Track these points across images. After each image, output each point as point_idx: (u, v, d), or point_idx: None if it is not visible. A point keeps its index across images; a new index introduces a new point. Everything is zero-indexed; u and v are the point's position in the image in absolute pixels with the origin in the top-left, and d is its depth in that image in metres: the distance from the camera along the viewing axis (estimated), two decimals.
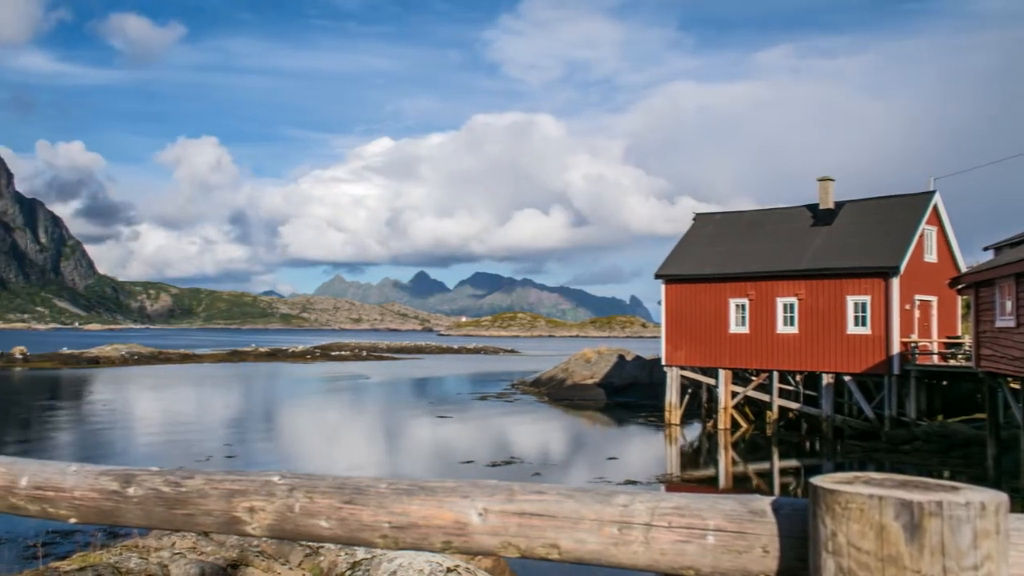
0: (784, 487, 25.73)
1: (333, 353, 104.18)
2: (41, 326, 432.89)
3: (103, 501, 2.26)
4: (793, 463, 30.09)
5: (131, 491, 2.22)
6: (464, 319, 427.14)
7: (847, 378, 33.76)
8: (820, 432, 33.96)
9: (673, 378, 38.69)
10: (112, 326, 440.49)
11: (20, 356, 78.89)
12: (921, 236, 34.25)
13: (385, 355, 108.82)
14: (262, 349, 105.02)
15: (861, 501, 1.47)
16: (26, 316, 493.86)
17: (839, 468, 27.60)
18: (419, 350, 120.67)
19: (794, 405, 35.75)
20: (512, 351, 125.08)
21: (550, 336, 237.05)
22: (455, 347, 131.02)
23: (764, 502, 1.69)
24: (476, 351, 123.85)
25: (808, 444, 33.14)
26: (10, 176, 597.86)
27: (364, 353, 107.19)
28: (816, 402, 34.99)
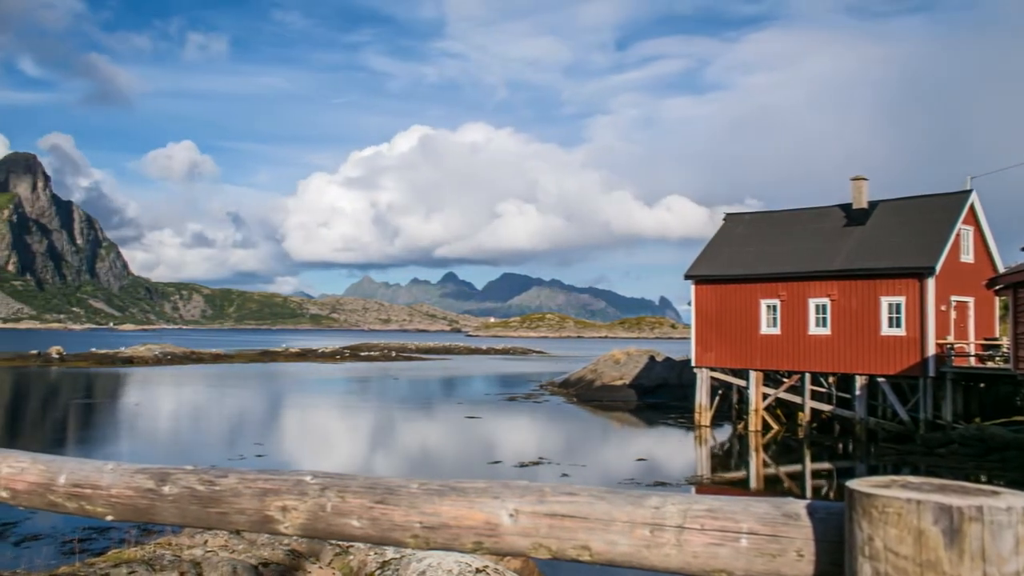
0: (816, 490, 25.44)
1: (362, 353, 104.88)
2: (77, 326, 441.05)
3: (139, 499, 2.29)
4: (825, 466, 29.74)
5: (166, 489, 2.25)
6: (492, 320, 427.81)
7: (881, 380, 33.31)
8: (853, 435, 33.54)
9: (703, 379, 38.42)
10: (146, 326, 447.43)
11: (57, 356, 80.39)
12: (957, 236, 33.69)
13: (414, 355, 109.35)
14: (292, 349, 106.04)
15: (899, 505, 1.45)
16: (62, 316, 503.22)
17: (873, 471, 27.23)
18: (448, 351, 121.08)
19: (826, 407, 35.35)
20: (540, 352, 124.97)
21: (579, 337, 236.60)
22: (483, 348, 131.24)
23: (799, 505, 1.67)
24: (505, 352, 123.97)
25: (841, 447, 32.75)
26: (47, 179, 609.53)
27: (393, 353, 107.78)
28: (849, 404, 34.56)
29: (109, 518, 2.38)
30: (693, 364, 38.96)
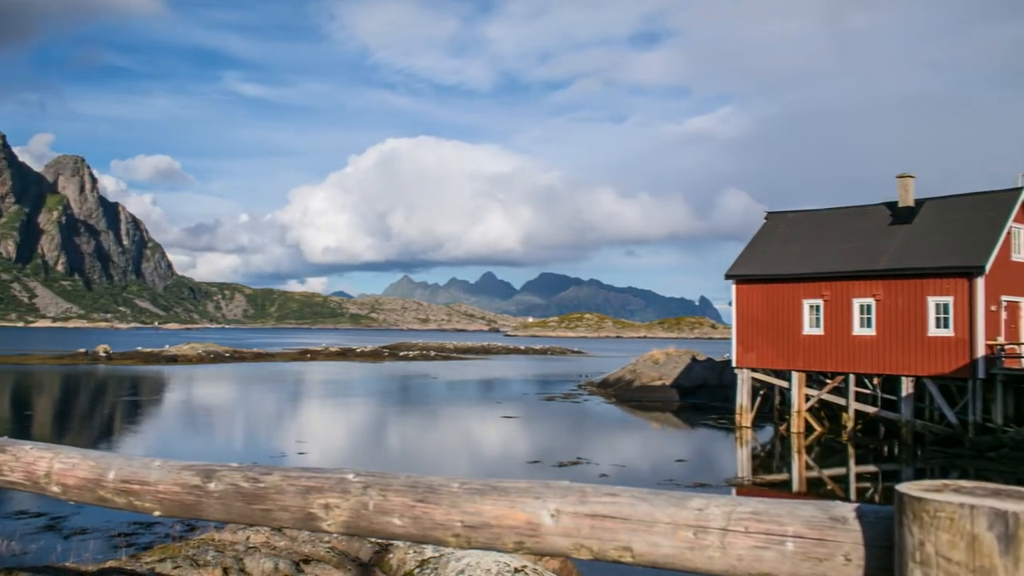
0: (861, 493, 25.01)
1: (401, 353, 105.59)
2: (123, 325, 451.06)
3: (185, 495, 2.33)
4: (870, 468, 29.24)
5: (212, 486, 2.28)
6: (531, 319, 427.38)
7: (928, 381, 32.64)
8: (899, 437, 32.92)
9: (744, 380, 38.00)
10: (189, 325, 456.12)
11: (104, 354, 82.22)
12: (1008, 234, 32.86)
13: (452, 355, 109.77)
14: (333, 348, 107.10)
15: (951, 510, 1.42)
16: (109, 316, 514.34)
17: (919, 475, 26.71)
18: (486, 351, 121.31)
19: (871, 409, 34.73)
20: (579, 352, 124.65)
21: (617, 337, 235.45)
22: (522, 348, 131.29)
23: (846, 509, 1.64)
24: (543, 352, 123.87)
25: (886, 449, 32.17)
26: (94, 180, 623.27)
27: (432, 353, 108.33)
28: (894, 406, 33.92)
29: (156, 513, 2.42)
30: (734, 364, 38.55)
